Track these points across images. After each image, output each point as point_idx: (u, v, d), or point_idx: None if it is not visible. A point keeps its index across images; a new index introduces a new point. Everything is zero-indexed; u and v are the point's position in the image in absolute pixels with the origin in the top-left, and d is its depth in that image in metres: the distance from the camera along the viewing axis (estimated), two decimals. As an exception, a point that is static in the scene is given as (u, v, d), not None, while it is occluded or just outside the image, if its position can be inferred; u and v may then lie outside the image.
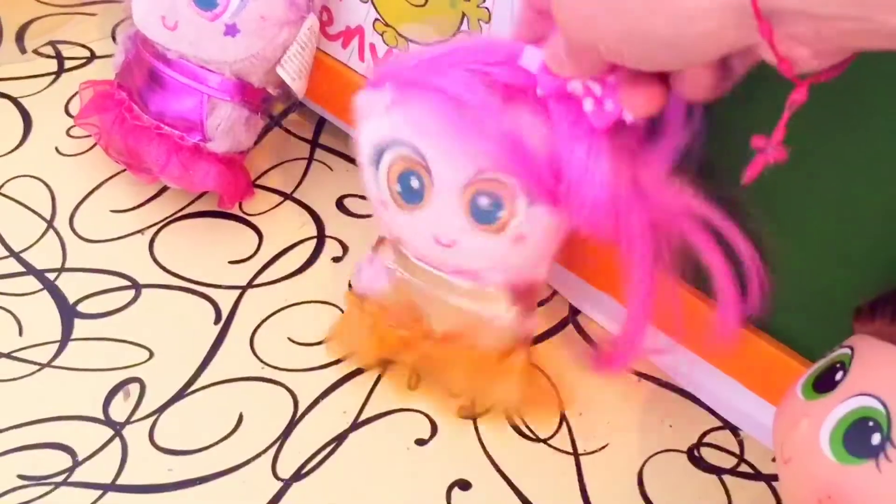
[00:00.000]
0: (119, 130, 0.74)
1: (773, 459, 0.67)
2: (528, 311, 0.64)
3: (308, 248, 0.77)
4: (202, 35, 0.71)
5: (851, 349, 0.52)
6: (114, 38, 0.91)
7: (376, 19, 0.74)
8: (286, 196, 0.81)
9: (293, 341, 0.71)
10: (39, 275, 0.73)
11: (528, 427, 0.68)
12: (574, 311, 0.75)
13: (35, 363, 0.68)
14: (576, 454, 0.67)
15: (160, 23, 0.71)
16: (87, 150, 0.82)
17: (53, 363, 0.69)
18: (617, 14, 0.40)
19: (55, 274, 0.74)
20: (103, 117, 0.75)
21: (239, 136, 0.75)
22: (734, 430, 0.69)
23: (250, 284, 0.74)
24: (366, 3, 0.74)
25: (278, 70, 0.73)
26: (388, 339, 0.66)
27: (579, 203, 0.52)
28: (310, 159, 0.84)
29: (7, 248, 0.75)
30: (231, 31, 0.71)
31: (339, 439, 0.66)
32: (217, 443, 0.66)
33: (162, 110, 0.73)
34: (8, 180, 0.79)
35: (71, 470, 0.63)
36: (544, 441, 0.68)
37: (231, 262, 0.76)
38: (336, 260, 0.77)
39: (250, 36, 0.71)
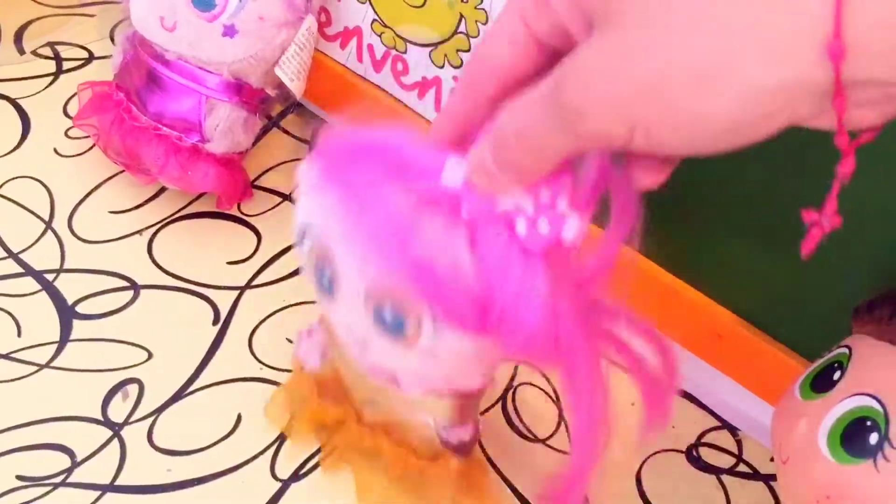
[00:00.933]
0: (117, 131, 0.74)
1: (772, 459, 0.67)
2: (462, 419, 0.57)
3: (306, 249, 0.77)
4: (201, 36, 0.71)
5: (849, 349, 0.52)
6: (112, 40, 0.91)
7: (374, 20, 0.74)
8: (285, 197, 0.81)
9: (292, 342, 0.71)
10: (38, 275, 0.73)
11: (526, 427, 0.68)
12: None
13: (34, 364, 0.68)
14: (574, 454, 0.67)
15: (159, 23, 0.71)
16: (86, 151, 0.82)
17: (52, 364, 0.69)
18: (665, 96, 0.32)
19: (54, 275, 0.74)
20: (102, 118, 0.75)
21: (237, 137, 0.74)
22: (733, 430, 0.69)
23: (249, 285, 0.74)
24: (364, 3, 0.74)
25: (277, 71, 0.73)
26: (320, 415, 0.62)
27: (513, 333, 0.43)
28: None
29: (5, 248, 0.75)
30: (229, 31, 0.71)
31: (338, 440, 0.66)
32: (216, 443, 0.66)
33: (160, 111, 0.73)
34: (6, 181, 0.79)
35: (70, 470, 0.63)
36: (542, 441, 0.68)
37: (230, 263, 0.76)
38: (334, 260, 0.77)
39: (249, 37, 0.71)
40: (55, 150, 0.82)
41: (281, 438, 0.66)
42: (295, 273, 0.75)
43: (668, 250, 0.68)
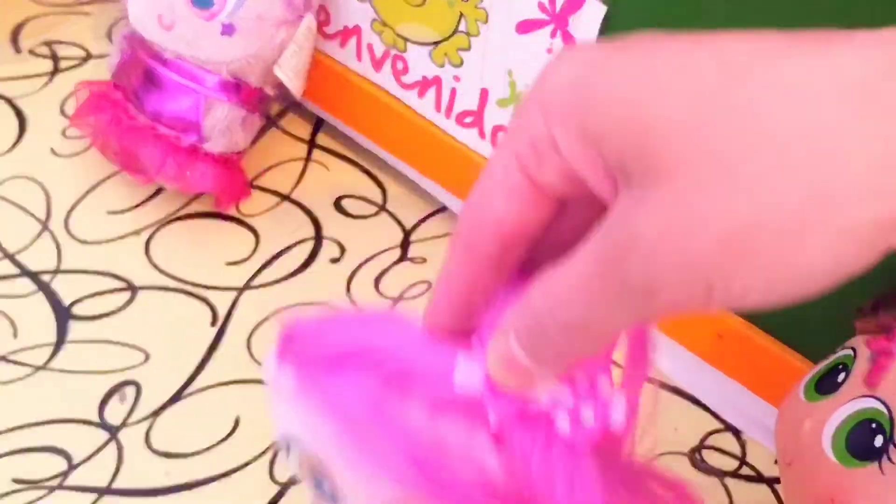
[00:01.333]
0: (115, 131, 0.74)
1: (776, 462, 0.67)
2: None
3: (305, 250, 0.77)
4: (199, 34, 0.71)
5: (854, 350, 0.52)
6: (109, 39, 0.90)
7: (374, 19, 0.74)
8: (283, 197, 0.80)
9: (290, 343, 0.71)
10: (34, 276, 0.73)
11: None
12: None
13: (30, 366, 0.68)
14: (576, 457, 0.67)
15: (157, 22, 0.71)
16: (83, 151, 0.81)
17: (48, 366, 0.68)
18: (753, 251, 0.27)
19: (50, 276, 0.73)
20: (98, 117, 0.75)
21: (236, 137, 0.74)
22: (736, 433, 0.69)
23: (247, 286, 0.74)
24: (364, 2, 0.73)
25: (276, 70, 0.72)
26: None
27: None
28: (307, 160, 0.83)
29: (1, 249, 0.74)
30: (228, 30, 0.70)
31: (337, 442, 0.66)
32: (214, 446, 0.65)
33: (158, 111, 0.72)
34: (2, 181, 0.78)
35: (66, 474, 0.63)
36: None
37: (228, 264, 0.75)
38: (334, 261, 0.76)
39: (247, 36, 0.71)
40: (52, 150, 0.81)
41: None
42: (294, 274, 0.75)
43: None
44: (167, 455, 0.65)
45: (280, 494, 0.63)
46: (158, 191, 0.79)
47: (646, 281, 0.28)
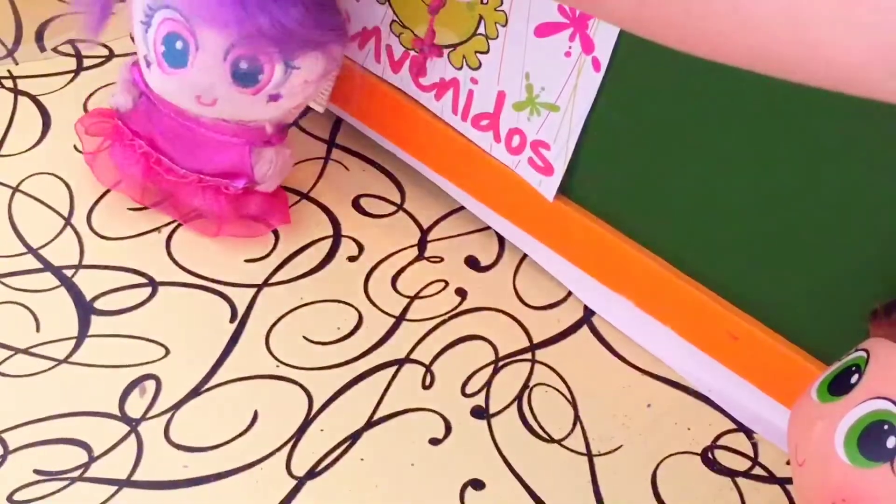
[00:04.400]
0: (153, 181, 0.73)
1: (788, 462, 0.67)
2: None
3: (324, 248, 0.77)
4: (243, 106, 0.68)
5: (867, 352, 0.52)
6: (132, 38, 0.91)
7: (393, 21, 0.74)
8: (302, 195, 0.81)
9: (308, 340, 0.71)
10: (57, 271, 0.74)
11: (542, 427, 0.68)
12: (589, 313, 0.75)
13: (52, 359, 0.69)
14: (590, 455, 0.67)
15: (194, 101, 0.67)
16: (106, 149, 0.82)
17: (70, 359, 0.69)
18: None
19: (72, 271, 0.74)
20: (128, 167, 0.73)
21: (286, 172, 0.74)
22: (748, 433, 0.69)
23: (266, 283, 0.75)
24: (383, 4, 0.74)
25: (310, 104, 0.73)
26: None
27: None
28: (326, 159, 0.84)
29: (25, 244, 0.75)
30: (275, 98, 0.67)
31: (354, 438, 0.67)
32: (232, 440, 0.66)
33: (201, 166, 0.71)
34: (26, 177, 0.79)
35: (87, 465, 0.64)
36: (558, 442, 0.68)
37: (247, 261, 0.76)
38: (351, 259, 0.77)
39: (293, 97, 0.68)
40: (75, 147, 0.82)
41: (297, 436, 0.66)
42: (312, 271, 0.76)
43: (683, 252, 0.68)
44: (186, 448, 0.65)
45: (297, 488, 0.64)
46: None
47: None
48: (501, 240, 0.79)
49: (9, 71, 0.87)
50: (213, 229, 0.74)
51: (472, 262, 0.78)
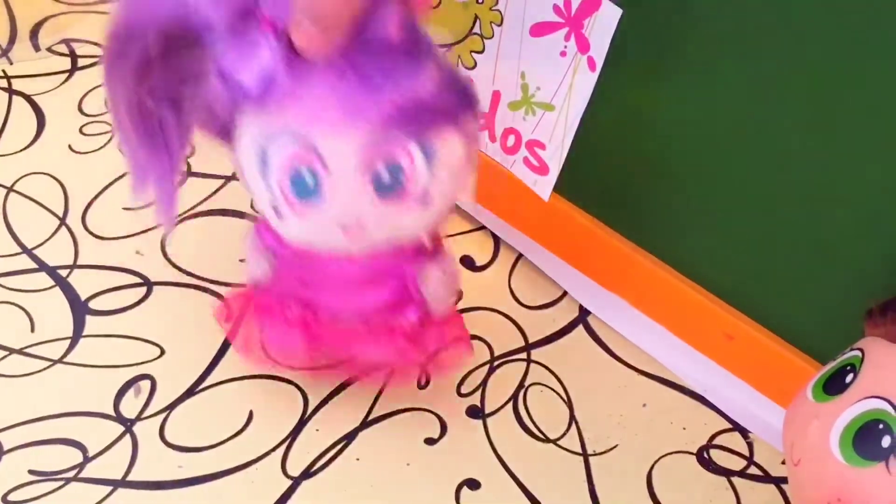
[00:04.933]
0: (315, 343, 0.62)
1: (783, 462, 0.67)
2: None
3: (319, 248, 0.77)
4: (394, 221, 0.55)
5: (862, 351, 0.52)
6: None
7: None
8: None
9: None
10: (52, 271, 0.74)
11: (537, 427, 0.68)
12: (584, 312, 0.75)
13: (46, 359, 0.69)
14: (585, 455, 0.67)
15: (341, 235, 0.55)
16: (101, 148, 0.82)
17: (65, 359, 0.69)
18: None
19: (67, 271, 0.74)
20: (287, 343, 0.63)
21: (455, 288, 0.63)
22: (744, 432, 0.69)
23: (261, 283, 0.75)
24: (379, 3, 0.74)
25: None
26: None
27: None
28: (321, 159, 0.84)
29: (20, 244, 0.75)
30: (425, 199, 0.54)
31: (349, 438, 0.67)
32: (227, 440, 0.66)
33: (359, 306, 0.60)
34: (21, 177, 0.79)
35: (81, 466, 0.64)
36: (554, 441, 0.68)
37: (242, 261, 0.75)
38: (347, 259, 0.77)
39: (445, 192, 0.55)
40: (70, 147, 0.82)
41: (292, 436, 0.66)
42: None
43: (679, 251, 0.68)
44: (181, 448, 0.65)
45: (292, 488, 0.64)
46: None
47: None
48: (497, 239, 0.79)
49: (3, 70, 0.87)
50: (413, 375, 0.65)
51: (467, 262, 0.78)
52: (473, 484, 0.65)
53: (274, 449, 0.66)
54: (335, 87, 0.49)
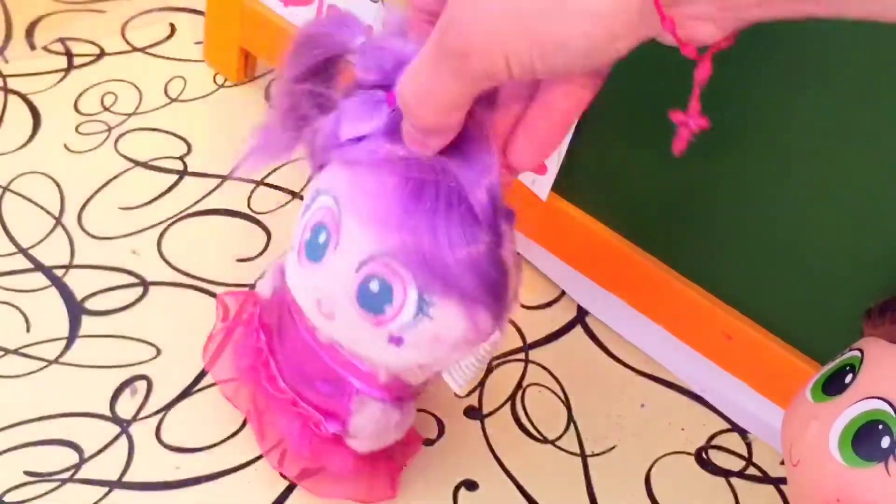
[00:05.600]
0: (251, 382, 0.62)
1: (782, 462, 0.67)
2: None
3: (316, 247, 0.77)
4: (362, 335, 0.54)
5: (861, 352, 0.52)
6: (123, 36, 0.91)
7: (386, 18, 0.74)
8: (294, 194, 0.80)
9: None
10: (47, 271, 0.73)
11: (535, 428, 0.68)
12: (582, 313, 0.75)
13: (42, 360, 0.68)
14: (583, 455, 0.67)
15: (315, 306, 0.55)
16: (97, 147, 0.82)
17: (61, 360, 0.69)
18: (524, 26, 0.38)
19: (63, 270, 0.74)
20: (240, 354, 0.63)
21: (386, 439, 0.60)
22: (742, 433, 0.69)
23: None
24: (376, 3, 0.74)
25: (444, 375, 0.56)
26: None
27: None
28: (318, 158, 0.83)
29: (15, 244, 0.75)
30: (396, 342, 0.53)
31: (346, 438, 0.66)
32: (224, 440, 0.66)
33: (299, 385, 0.60)
34: (17, 177, 0.79)
35: (77, 467, 0.63)
36: (552, 442, 0.68)
37: (239, 260, 0.76)
38: (344, 259, 0.77)
39: (418, 350, 0.54)
40: (65, 146, 0.82)
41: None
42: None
43: (677, 252, 0.68)
44: (177, 449, 0.65)
45: (290, 489, 0.64)
46: (171, 187, 0.79)
47: (460, 48, 0.40)
48: (495, 239, 0.79)
49: (-1, 69, 0.87)
50: (327, 487, 0.63)
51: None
52: (471, 485, 0.65)
53: (270, 450, 0.65)
54: (393, 186, 0.49)
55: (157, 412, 0.67)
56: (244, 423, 0.66)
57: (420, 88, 0.43)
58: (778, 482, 0.67)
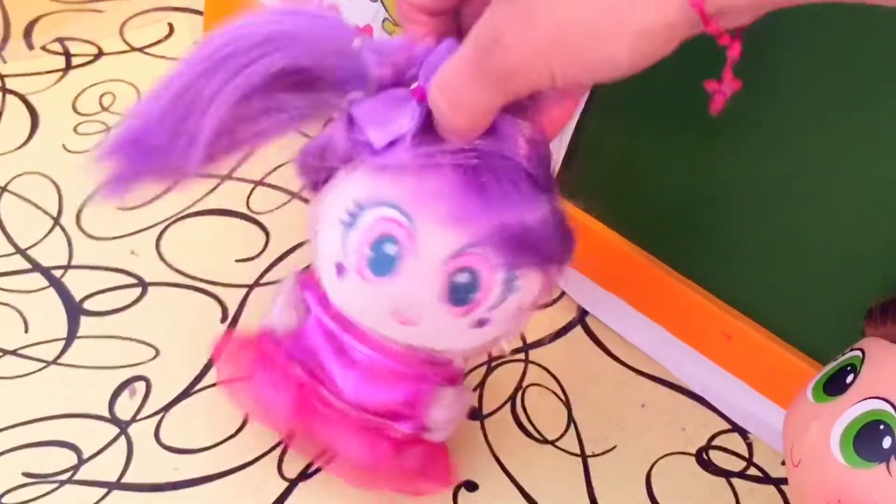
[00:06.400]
0: (304, 414, 0.59)
1: (783, 462, 0.67)
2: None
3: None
4: (445, 330, 0.54)
5: (862, 352, 0.52)
6: (122, 36, 0.91)
7: (385, 19, 0.74)
8: (293, 195, 0.80)
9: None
10: (46, 272, 0.73)
11: (535, 428, 0.68)
12: (582, 313, 0.75)
13: (41, 360, 0.68)
14: (583, 456, 0.67)
15: (389, 318, 0.54)
16: (94, 147, 0.82)
17: (59, 360, 0.68)
18: (573, 46, 0.39)
19: (61, 271, 0.73)
20: (272, 395, 0.59)
21: (459, 421, 0.61)
22: (743, 433, 0.69)
23: (257, 283, 0.74)
24: (375, 2, 0.74)
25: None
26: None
27: None
28: (317, 158, 0.83)
29: (13, 244, 0.74)
30: (481, 324, 0.54)
31: (346, 439, 0.66)
32: (223, 441, 0.65)
33: (364, 399, 0.58)
34: (15, 177, 0.79)
35: (76, 468, 0.63)
36: (552, 443, 0.68)
37: (238, 261, 0.76)
38: (343, 259, 0.76)
39: (503, 324, 0.55)
40: (64, 146, 0.82)
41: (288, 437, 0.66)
42: (303, 271, 0.75)
43: (677, 251, 0.68)
44: (177, 450, 0.65)
45: (289, 490, 0.63)
46: (168, 188, 0.79)
47: (506, 68, 0.41)
48: (494, 239, 0.79)
49: (-4, 69, 0.87)
50: (361, 477, 0.60)
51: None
52: (471, 485, 0.65)
53: (270, 451, 0.65)
54: (455, 180, 0.48)
55: (156, 413, 0.66)
56: (243, 424, 0.66)
57: (454, 97, 0.44)
58: (779, 482, 0.67)
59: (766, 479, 0.67)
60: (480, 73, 0.42)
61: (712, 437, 0.69)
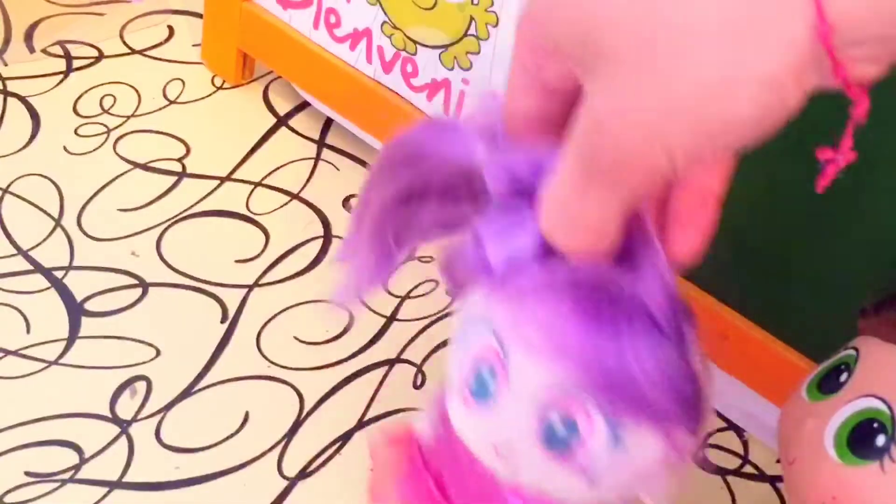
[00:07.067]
0: None
1: (778, 460, 0.67)
2: None
3: (314, 248, 0.77)
4: (546, 475, 0.48)
5: (856, 350, 0.52)
6: (122, 39, 0.91)
7: (384, 22, 0.74)
8: (293, 196, 0.81)
9: (299, 340, 0.71)
10: (47, 273, 0.74)
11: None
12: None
13: (42, 361, 0.69)
14: (581, 454, 0.67)
15: (492, 451, 0.49)
16: (96, 149, 0.82)
17: (60, 361, 0.69)
18: (692, 112, 0.33)
19: (63, 272, 0.74)
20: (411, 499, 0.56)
21: None
22: (738, 431, 0.69)
23: (257, 283, 0.75)
24: (374, 5, 0.74)
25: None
26: None
27: None
28: (317, 159, 0.84)
29: (15, 246, 0.75)
30: (588, 477, 0.48)
31: (345, 438, 0.67)
32: (223, 441, 0.66)
33: None
34: (16, 179, 0.79)
35: (78, 467, 0.64)
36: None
37: (238, 262, 0.76)
38: (342, 260, 0.77)
39: (611, 486, 0.48)
40: (65, 148, 0.82)
41: (288, 436, 0.66)
42: (303, 272, 0.76)
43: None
44: (177, 449, 0.65)
45: (289, 489, 0.64)
46: (170, 188, 0.80)
47: (613, 158, 0.34)
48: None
49: (-2, 72, 0.87)
50: None
51: (463, 262, 0.78)
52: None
53: (270, 449, 0.66)
54: (561, 311, 0.42)
55: (157, 412, 0.67)
56: (244, 424, 0.67)
57: (566, 217, 0.38)
58: (774, 480, 0.67)
59: (761, 476, 0.67)
60: (584, 173, 0.36)
61: (708, 436, 0.69)
